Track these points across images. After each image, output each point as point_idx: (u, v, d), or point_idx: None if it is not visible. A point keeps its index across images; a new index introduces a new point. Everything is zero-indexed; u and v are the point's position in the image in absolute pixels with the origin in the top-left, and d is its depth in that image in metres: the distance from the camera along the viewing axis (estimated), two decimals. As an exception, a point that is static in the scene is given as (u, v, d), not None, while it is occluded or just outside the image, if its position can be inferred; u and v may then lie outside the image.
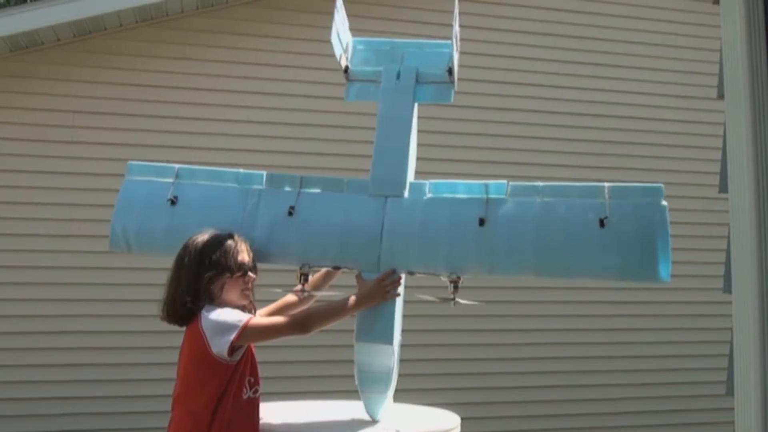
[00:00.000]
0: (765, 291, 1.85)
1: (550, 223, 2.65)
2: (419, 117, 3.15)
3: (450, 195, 2.81)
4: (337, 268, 2.92)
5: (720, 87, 2.06)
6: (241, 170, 3.02)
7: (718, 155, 2.08)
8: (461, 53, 3.11)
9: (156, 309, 2.67)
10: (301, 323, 2.61)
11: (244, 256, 2.64)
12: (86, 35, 5.50)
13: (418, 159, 3.17)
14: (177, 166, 3.10)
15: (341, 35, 3.07)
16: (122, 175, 5.20)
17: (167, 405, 2.70)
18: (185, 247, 2.64)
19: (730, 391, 1.95)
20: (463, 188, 2.81)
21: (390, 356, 2.74)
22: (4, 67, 5.38)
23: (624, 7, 6.60)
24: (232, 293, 2.61)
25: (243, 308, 2.67)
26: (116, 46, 5.61)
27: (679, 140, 6.46)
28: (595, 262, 2.60)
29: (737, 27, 1.94)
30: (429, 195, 2.83)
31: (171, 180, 3.04)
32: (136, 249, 3.03)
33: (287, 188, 2.94)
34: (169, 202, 2.96)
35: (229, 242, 2.63)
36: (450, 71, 2.99)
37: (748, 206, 1.91)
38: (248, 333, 2.52)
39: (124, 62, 5.60)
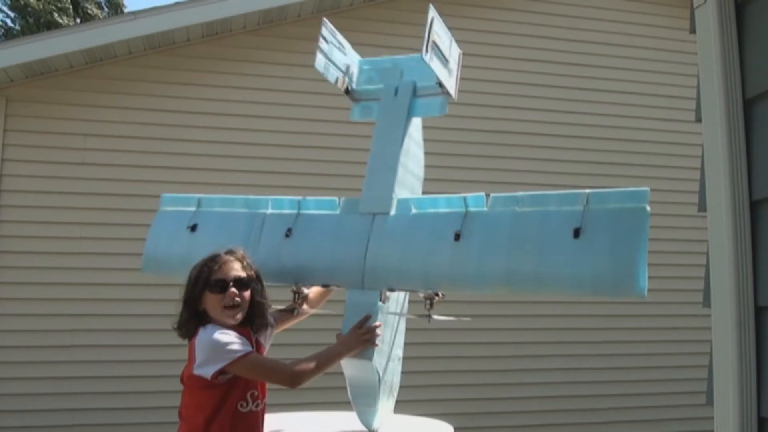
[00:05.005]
0: (741, 305, 1.87)
1: (523, 235, 2.52)
2: (429, 126, 3.22)
3: (432, 210, 2.79)
4: (326, 286, 3.02)
5: (698, 111, 2.08)
6: (251, 196, 3.18)
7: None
8: (465, 66, 3.09)
9: (164, 323, 2.72)
10: (293, 379, 2.55)
11: (226, 272, 2.57)
12: (97, 62, 5.67)
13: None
14: (199, 195, 3.29)
15: (336, 60, 3.11)
16: (131, 195, 5.50)
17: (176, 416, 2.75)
18: None
19: (710, 401, 1.96)
20: (443, 203, 2.78)
21: (372, 372, 2.76)
22: (19, 92, 5.54)
23: (613, 36, 6.82)
24: (213, 310, 2.56)
25: (249, 325, 2.65)
26: (126, 72, 5.76)
27: (664, 161, 6.63)
28: (567, 275, 2.41)
29: (713, 56, 1.98)
30: (414, 211, 2.82)
31: (193, 209, 3.25)
32: (163, 273, 3.21)
33: (287, 211, 3.06)
34: (189, 230, 3.17)
35: (215, 259, 2.59)
36: (440, 84, 2.91)
37: (725, 225, 1.91)
38: (241, 366, 2.47)
39: (133, 88, 5.76)
